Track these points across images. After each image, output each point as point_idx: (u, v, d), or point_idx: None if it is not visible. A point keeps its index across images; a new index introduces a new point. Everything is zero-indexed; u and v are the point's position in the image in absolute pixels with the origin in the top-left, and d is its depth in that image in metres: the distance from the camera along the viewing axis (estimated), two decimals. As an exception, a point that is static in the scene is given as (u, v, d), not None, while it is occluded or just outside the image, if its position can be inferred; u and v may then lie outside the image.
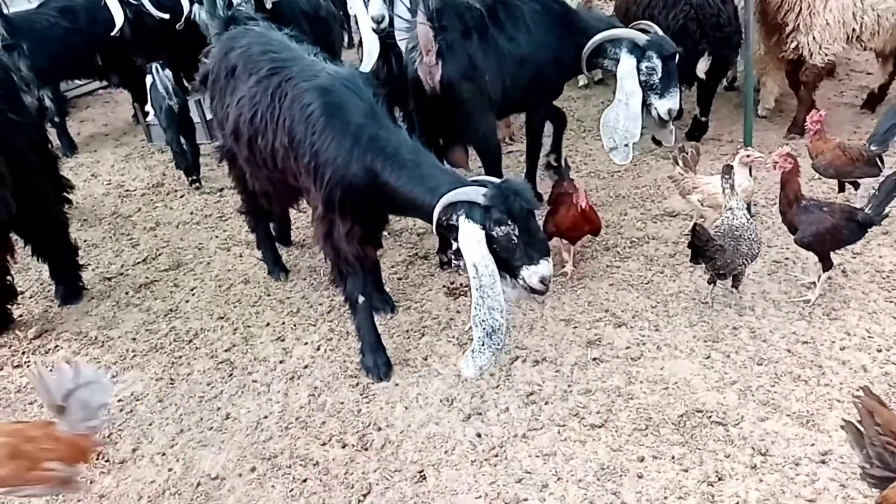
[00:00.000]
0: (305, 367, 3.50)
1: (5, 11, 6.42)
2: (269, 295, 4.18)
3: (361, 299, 3.30)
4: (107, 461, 3.04)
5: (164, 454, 3.05)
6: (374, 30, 4.12)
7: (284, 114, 3.10)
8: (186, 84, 8.05)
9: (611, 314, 3.61)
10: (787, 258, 3.89)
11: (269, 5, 5.67)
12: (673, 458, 2.73)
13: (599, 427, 2.91)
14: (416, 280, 4.14)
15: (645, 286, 3.81)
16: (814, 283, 3.57)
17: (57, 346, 3.90)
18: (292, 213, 4.55)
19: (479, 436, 2.94)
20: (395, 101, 4.25)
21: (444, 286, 4.03)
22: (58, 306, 4.26)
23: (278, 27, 3.75)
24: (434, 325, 3.69)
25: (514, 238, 2.70)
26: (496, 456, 2.84)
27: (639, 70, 4.05)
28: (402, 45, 4.10)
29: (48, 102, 6.65)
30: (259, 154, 3.34)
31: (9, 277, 4.03)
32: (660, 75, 4.05)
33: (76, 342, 3.90)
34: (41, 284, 4.50)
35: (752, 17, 4.15)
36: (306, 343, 3.69)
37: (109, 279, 4.52)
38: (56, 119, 6.75)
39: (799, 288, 3.62)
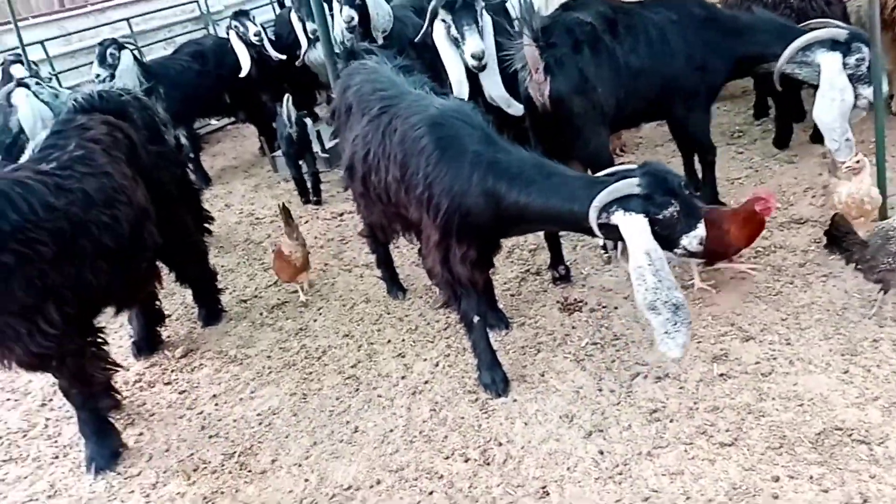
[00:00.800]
0: (426, 382, 3.62)
1: (143, 60, 7.14)
2: (388, 313, 4.35)
3: (476, 319, 3.38)
4: (249, 471, 3.27)
5: (300, 465, 3.24)
6: (475, 67, 4.23)
7: (395, 149, 3.22)
8: (308, 116, 8.62)
9: (737, 328, 3.48)
10: None
11: (380, 41, 5.97)
12: (811, 478, 2.60)
13: (729, 445, 2.82)
14: (529, 296, 4.18)
15: (773, 298, 3.65)
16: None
17: (201, 364, 4.24)
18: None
19: (601, 453, 2.93)
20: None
21: (557, 302, 4.04)
22: (200, 328, 4.64)
23: (393, 55, 3.92)
24: (549, 341, 3.70)
25: (676, 215, 2.75)
26: (620, 474, 2.81)
27: (845, 64, 3.93)
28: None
29: (184, 140, 7.26)
30: (373, 189, 3.49)
31: (157, 302, 4.43)
32: (867, 64, 3.94)
33: (218, 360, 4.23)
34: (185, 308, 4.92)
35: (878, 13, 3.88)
36: (425, 359, 3.81)
37: (245, 301, 4.87)
38: (191, 155, 7.35)
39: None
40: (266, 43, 7.36)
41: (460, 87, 4.34)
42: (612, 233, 2.84)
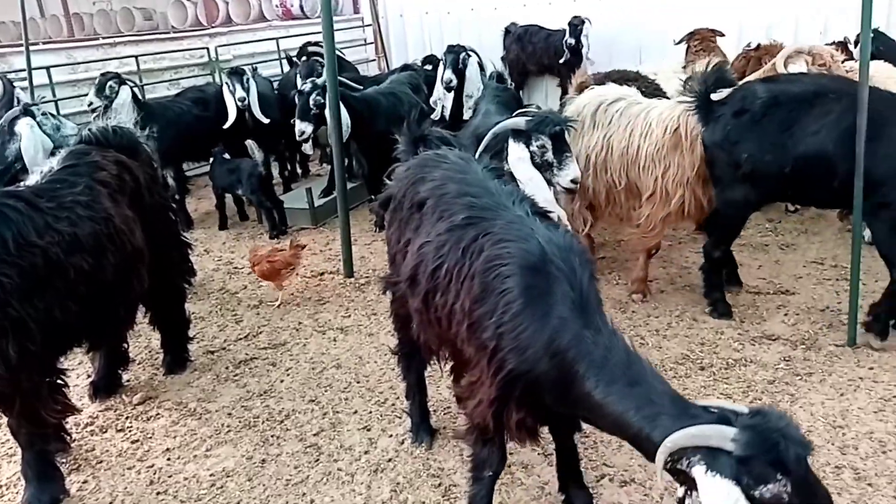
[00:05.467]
0: (389, 460, 3.54)
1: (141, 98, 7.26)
2: (358, 382, 4.29)
3: (489, 474, 2.90)
4: (195, 535, 3.14)
5: (249, 535, 3.12)
6: (567, 189, 4.47)
7: (475, 276, 2.61)
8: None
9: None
10: (894, 396, 3.69)
11: (467, 111, 6.30)
12: None
13: (688, 561, 2.78)
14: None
15: (741, 412, 3.68)
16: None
17: (158, 413, 4.11)
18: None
19: (560, 555, 2.86)
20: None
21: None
22: (163, 374, 4.52)
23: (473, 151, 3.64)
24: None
25: (784, 498, 1.94)
26: (578, 579, 2.74)
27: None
28: None
29: (170, 181, 7.28)
30: (434, 311, 2.84)
31: (125, 344, 4.33)
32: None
33: (176, 412, 4.10)
34: (149, 352, 4.80)
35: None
36: (391, 435, 3.74)
37: (212, 353, 4.77)
38: (177, 196, 7.36)
39: (911, 431, 3.41)
40: (254, 107, 7.52)
41: (553, 206, 4.19)
42: (687, 482, 2.14)
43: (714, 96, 4.40)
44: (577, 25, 8.73)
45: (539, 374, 2.45)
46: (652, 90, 5.83)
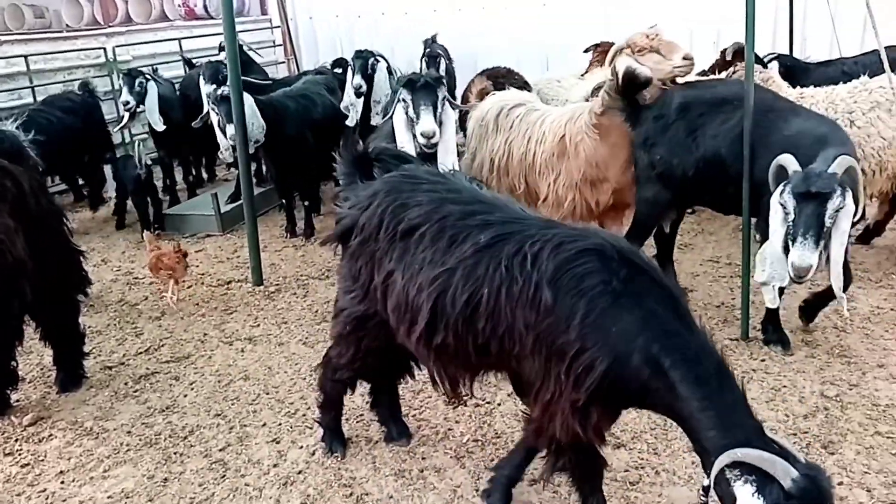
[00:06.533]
0: (299, 472, 3.46)
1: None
2: (267, 394, 4.17)
3: None
4: (90, 563, 2.97)
5: (149, 559, 2.98)
6: (424, 146, 4.55)
7: (539, 287, 2.43)
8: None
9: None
10: (784, 386, 3.93)
11: (377, 118, 6.24)
12: (670, 593, 2.67)
13: (595, 555, 2.85)
14: (415, 386, 4.14)
15: (644, 407, 3.82)
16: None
17: (51, 434, 3.86)
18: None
19: (472, 557, 2.88)
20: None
21: (443, 394, 4.02)
22: (56, 393, 4.25)
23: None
24: (432, 436, 3.67)
25: None
26: (489, 580, 2.77)
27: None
28: None
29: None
30: (475, 340, 2.59)
31: (13, 363, 4.04)
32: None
33: (71, 432, 3.87)
34: (41, 370, 4.51)
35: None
36: (301, 447, 3.66)
37: (110, 368, 4.53)
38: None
39: (795, 419, 3.64)
40: (150, 114, 7.28)
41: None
42: (720, 488, 2.22)
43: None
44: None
45: (626, 371, 2.35)
46: (520, 84, 6.37)
